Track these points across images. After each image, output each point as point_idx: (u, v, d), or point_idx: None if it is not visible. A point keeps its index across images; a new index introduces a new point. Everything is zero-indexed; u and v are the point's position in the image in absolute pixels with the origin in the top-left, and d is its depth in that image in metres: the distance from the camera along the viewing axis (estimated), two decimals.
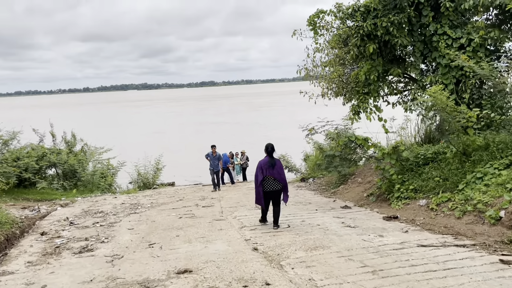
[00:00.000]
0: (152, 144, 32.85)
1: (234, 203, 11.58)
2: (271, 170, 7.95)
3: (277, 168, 8.03)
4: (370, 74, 10.82)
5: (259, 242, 6.91)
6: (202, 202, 12.17)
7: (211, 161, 15.93)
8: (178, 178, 22.71)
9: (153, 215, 10.39)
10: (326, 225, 7.94)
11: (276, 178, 7.97)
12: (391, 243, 6.40)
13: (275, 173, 7.97)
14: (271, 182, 8.00)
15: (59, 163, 17.81)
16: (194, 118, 65.08)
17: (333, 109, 13.45)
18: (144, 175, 20.42)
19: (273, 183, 8.00)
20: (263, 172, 7.97)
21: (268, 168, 7.96)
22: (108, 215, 10.81)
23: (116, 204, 13.05)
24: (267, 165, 7.97)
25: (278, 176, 7.99)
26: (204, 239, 7.31)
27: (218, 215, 9.74)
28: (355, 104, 11.33)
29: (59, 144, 19.53)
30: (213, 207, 11.09)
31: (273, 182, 8.00)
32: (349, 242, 6.63)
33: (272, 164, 7.97)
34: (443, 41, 10.81)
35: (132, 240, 7.68)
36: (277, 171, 8.01)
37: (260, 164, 8.09)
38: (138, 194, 16.28)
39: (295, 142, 27.91)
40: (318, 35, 11.63)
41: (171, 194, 15.41)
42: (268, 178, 7.99)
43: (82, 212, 11.68)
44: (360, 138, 9.31)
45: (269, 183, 8.01)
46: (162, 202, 12.83)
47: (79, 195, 16.06)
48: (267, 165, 7.97)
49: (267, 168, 7.96)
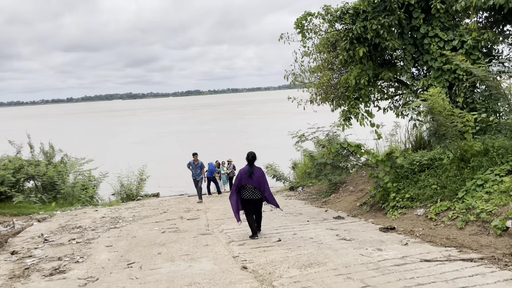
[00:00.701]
0: (135, 154, 32.06)
1: (220, 215, 11.00)
2: (249, 179, 7.81)
3: (256, 177, 7.85)
4: (360, 78, 10.41)
5: (248, 259, 6.34)
6: (187, 215, 11.55)
7: (193, 170, 15.23)
8: (163, 189, 22.05)
9: (134, 229, 9.74)
10: (320, 238, 7.41)
11: (255, 187, 7.82)
12: (391, 258, 5.89)
13: (254, 182, 7.81)
14: (251, 190, 7.85)
15: (37, 175, 17.05)
16: (179, 127, 64.24)
17: (321, 116, 13.02)
18: (128, 186, 19.72)
19: (252, 191, 7.85)
20: (241, 181, 7.86)
21: (247, 178, 7.81)
22: (86, 231, 10.13)
23: (96, 218, 12.36)
24: (246, 174, 7.83)
25: (257, 185, 7.83)
26: (189, 257, 6.71)
27: (204, 229, 9.14)
28: (346, 110, 10.89)
29: (38, 155, 18.70)
30: (199, 220, 10.49)
31: (252, 191, 7.85)
32: (346, 257, 6.10)
33: (250, 173, 7.80)
34: (435, 43, 10.48)
35: (109, 259, 7.04)
36: (257, 180, 7.84)
37: (240, 173, 7.97)
38: (120, 206, 15.58)
39: (282, 150, 27.52)
40: (306, 38, 11.20)
41: (155, 206, 14.77)
42: (248, 187, 7.85)
43: (59, 227, 10.97)
44: (352, 145, 8.85)
45: (248, 191, 7.86)
46: (144, 215, 12.18)
47: (59, 209, 15.32)
48: (246, 174, 7.83)
49: (246, 177, 7.82)
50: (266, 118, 71.41)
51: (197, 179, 15.23)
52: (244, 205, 7.97)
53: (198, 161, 15.28)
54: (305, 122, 11.35)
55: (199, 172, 15.27)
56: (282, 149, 28.87)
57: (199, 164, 15.23)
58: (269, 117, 71.82)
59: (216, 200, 15.21)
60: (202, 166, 15.39)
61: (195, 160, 15.18)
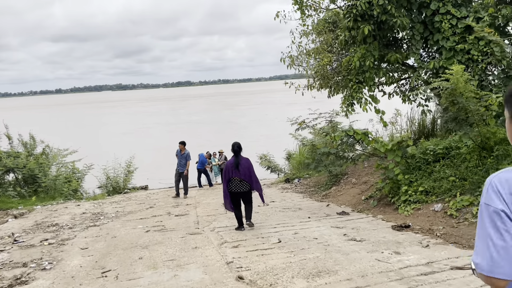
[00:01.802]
0: (122, 145, 30.80)
1: (212, 211, 10.03)
2: (236, 171, 7.48)
3: (243, 168, 7.50)
4: (365, 59, 9.42)
5: (244, 266, 5.38)
6: (175, 210, 10.57)
7: (178, 159, 13.57)
8: (151, 181, 20.96)
9: (116, 228, 8.73)
10: (325, 239, 6.47)
11: (242, 179, 7.48)
12: (414, 265, 4.97)
13: (240, 173, 7.47)
14: (237, 183, 7.53)
15: (16, 167, 15.93)
16: (168, 118, 62.87)
17: (316, 104, 12.00)
18: (114, 178, 18.60)
19: (239, 184, 7.53)
20: (228, 174, 7.54)
21: (234, 169, 7.49)
22: (62, 229, 9.11)
23: (76, 214, 11.34)
24: (232, 165, 7.52)
25: (244, 177, 7.49)
26: (174, 263, 5.73)
27: (193, 227, 8.16)
28: (348, 95, 9.90)
29: (17, 147, 17.52)
30: (188, 216, 9.51)
31: (239, 183, 7.53)
32: (359, 263, 5.17)
33: (236, 164, 7.48)
34: (447, 21, 9.52)
35: (82, 265, 6.03)
36: (243, 171, 7.50)
37: (226, 165, 7.71)
38: (105, 200, 14.54)
39: (274, 141, 26.57)
40: (305, 16, 10.17)
41: (141, 199, 13.76)
42: (234, 179, 7.53)
43: (34, 225, 9.94)
44: (359, 132, 7.89)
45: (235, 184, 7.55)
46: (129, 211, 11.17)
47: (39, 203, 14.26)
48: (232, 166, 7.52)
49: (232, 169, 7.50)
50: (256, 108, 70.33)
51: (180, 171, 13.52)
52: (232, 198, 7.62)
53: (185, 151, 13.53)
54: (296, 112, 10.53)
55: (184, 163, 13.50)
56: (273, 139, 27.95)
57: (185, 154, 13.48)
58: (259, 108, 70.79)
59: (207, 194, 14.23)
60: (188, 157, 13.52)
61: (181, 149, 13.49)
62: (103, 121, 63.97)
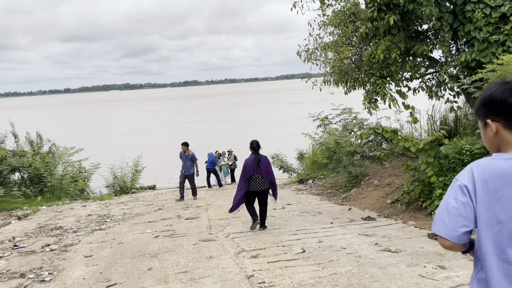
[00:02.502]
0: (129, 144, 30.35)
1: (224, 214, 9.38)
2: (257, 168, 7.33)
3: (264, 166, 7.42)
4: (390, 52, 8.71)
5: (267, 281, 4.72)
6: (185, 213, 9.95)
7: (183, 161, 12.76)
8: (159, 181, 20.43)
9: (123, 232, 8.13)
10: (355, 248, 5.80)
11: (263, 176, 7.36)
12: (466, 283, 4.28)
13: (262, 171, 7.35)
14: (259, 181, 7.37)
15: (22, 166, 15.46)
16: (176, 117, 62.40)
17: (328, 102, 11.32)
18: (121, 178, 18.05)
19: (261, 182, 7.38)
20: (250, 171, 7.35)
21: (255, 167, 7.33)
22: (66, 233, 8.54)
23: (82, 215, 10.79)
24: (253, 163, 7.35)
25: (265, 174, 7.38)
26: (188, 276, 5.08)
27: (206, 232, 7.52)
28: (370, 90, 9.20)
29: (23, 145, 17.04)
30: (199, 220, 8.88)
31: (261, 181, 7.38)
32: (401, 280, 4.49)
33: (257, 161, 7.35)
34: (479, 10, 8.80)
35: (85, 277, 5.41)
36: (264, 168, 7.41)
37: (247, 162, 7.48)
38: (112, 201, 14.00)
39: (282, 141, 25.91)
40: (325, 5, 9.49)
41: (150, 200, 13.18)
42: (256, 177, 7.36)
43: (37, 228, 9.39)
44: (388, 130, 7.19)
45: (257, 182, 7.37)
46: (136, 213, 10.58)
47: (45, 203, 13.77)
48: (253, 163, 7.35)
49: (253, 167, 7.33)
50: (261, 108, 69.66)
51: (185, 173, 12.58)
52: (248, 197, 7.45)
53: (189, 152, 12.68)
54: (303, 112, 9.91)
55: (190, 164, 12.67)
56: (280, 140, 27.30)
57: (189, 155, 12.64)
58: (264, 107, 70.17)
59: (217, 194, 13.62)
60: (193, 158, 12.71)
61: (185, 150, 12.64)
62: (109, 120, 63.71)
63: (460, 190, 1.53)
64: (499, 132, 1.55)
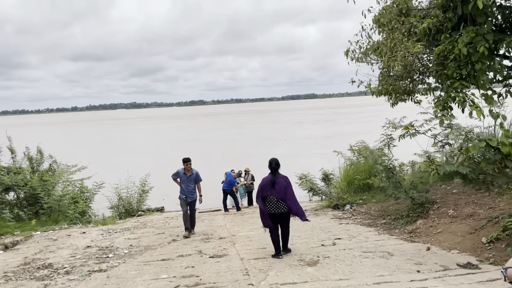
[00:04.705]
0: (136, 163, 28.48)
1: (258, 250, 7.41)
2: (272, 190, 6.89)
3: (280, 187, 6.89)
4: (476, 45, 6.81)
5: None
6: (207, 247, 7.96)
7: (184, 184, 9.54)
8: (168, 202, 18.35)
9: (129, 276, 6.15)
10: None
11: (279, 198, 6.86)
12: None
13: (277, 192, 6.86)
14: (274, 202, 6.90)
15: (16, 185, 13.68)
16: (175, 136, 60.62)
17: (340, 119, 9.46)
18: (127, 199, 16.09)
19: (276, 204, 6.89)
20: (264, 191, 6.96)
21: (270, 188, 6.89)
22: (55, 275, 6.64)
23: (79, 247, 8.88)
24: (269, 183, 6.93)
25: (281, 196, 6.85)
26: None
27: (244, 281, 5.52)
28: (445, 95, 7.27)
29: (21, 161, 15.23)
30: (228, 259, 6.88)
31: (275, 203, 6.89)
32: None
33: (273, 183, 6.89)
34: None
35: None
36: (280, 190, 6.87)
37: (262, 181, 7.09)
38: (116, 226, 12.07)
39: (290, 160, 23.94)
40: None
41: (159, 226, 11.24)
42: (271, 198, 6.90)
43: (21, 264, 7.51)
44: (506, 143, 5.24)
45: (272, 204, 6.90)
46: (146, 245, 8.63)
47: (40, 228, 11.97)
48: (268, 183, 6.93)
49: (268, 187, 6.92)
50: (268, 127, 68.01)
51: (188, 200, 9.50)
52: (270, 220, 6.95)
53: (192, 171, 9.58)
54: (307, 133, 8.02)
55: (193, 187, 9.61)
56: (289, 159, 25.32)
57: (193, 175, 9.58)
58: (271, 127, 68.59)
59: (238, 221, 11.61)
60: (197, 179, 9.69)
61: (187, 169, 9.52)
62: (114, 138, 62.03)
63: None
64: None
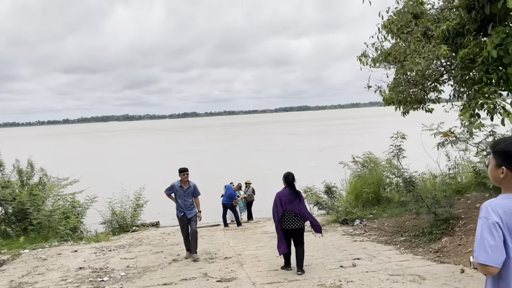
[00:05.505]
0: (129, 176, 27.62)
1: (269, 271, 6.71)
2: (291, 204, 6.74)
3: (298, 202, 6.82)
4: (508, 47, 6.28)
5: None
6: (212, 268, 7.24)
7: (181, 199, 8.37)
8: (163, 217, 17.53)
9: None
10: None
11: (297, 213, 6.76)
12: None
13: (295, 206, 6.76)
14: (292, 218, 6.76)
15: (3, 200, 13.00)
16: (175, 147, 59.77)
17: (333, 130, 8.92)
18: (121, 214, 15.27)
19: (293, 219, 6.76)
20: (282, 206, 6.74)
21: (289, 202, 6.75)
22: None
23: (70, 268, 8.14)
24: (288, 197, 6.77)
25: (299, 211, 6.76)
26: None
27: None
28: (473, 102, 6.70)
29: (9, 175, 14.49)
30: (238, 283, 6.19)
31: (293, 219, 6.76)
32: None
33: (294, 197, 6.78)
34: None
35: None
36: (298, 204, 6.80)
37: (279, 196, 6.84)
38: (110, 243, 11.30)
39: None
40: None
41: (156, 243, 10.51)
42: (288, 213, 6.74)
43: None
44: None
45: (289, 220, 6.75)
46: (144, 266, 7.90)
47: (28, 246, 11.23)
48: (287, 198, 6.77)
49: (287, 202, 6.75)
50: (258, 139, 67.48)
51: (188, 216, 8.35)
52: (283, 235, 6.80)
53: (189, 183, 8.43)
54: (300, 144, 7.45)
55: (191, 202, 8.43)
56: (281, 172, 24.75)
57: (190, 188, 8.41)
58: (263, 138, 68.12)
59: (241, 237, 10.89)
60: (195, 193, 8.53)
61: (184, 181, 8.39)
62: (105, 151, 60.95)
63: (493, 226, 1.99)
64: (506, 176, 2.06)
